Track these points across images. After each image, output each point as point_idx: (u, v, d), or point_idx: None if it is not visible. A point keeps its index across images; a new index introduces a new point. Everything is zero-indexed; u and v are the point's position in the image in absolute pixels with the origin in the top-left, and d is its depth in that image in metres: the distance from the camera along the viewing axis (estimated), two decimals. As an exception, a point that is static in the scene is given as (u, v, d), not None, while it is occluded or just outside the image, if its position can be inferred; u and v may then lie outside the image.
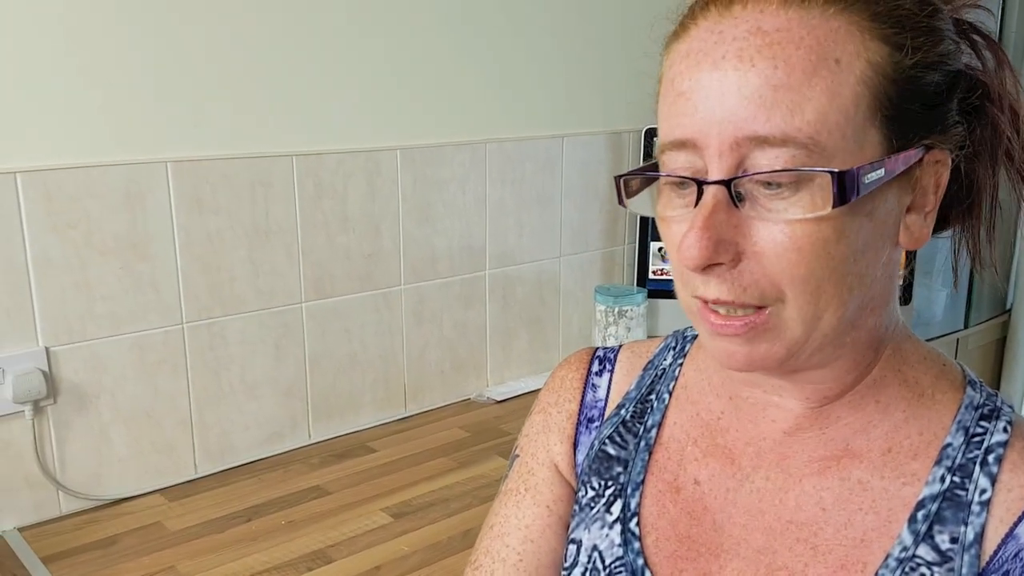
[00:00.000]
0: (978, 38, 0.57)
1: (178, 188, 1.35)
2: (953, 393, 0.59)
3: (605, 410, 0.70)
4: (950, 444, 0.56)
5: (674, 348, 0.70)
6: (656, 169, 0.56)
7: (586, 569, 0.65)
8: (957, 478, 0.55)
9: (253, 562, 1.19)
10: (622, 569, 0.63)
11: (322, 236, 1.52)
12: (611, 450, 0.68)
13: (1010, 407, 0.59)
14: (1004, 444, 0.55)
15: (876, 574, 0.55)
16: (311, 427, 1.57)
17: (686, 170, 0.53)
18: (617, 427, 0.68)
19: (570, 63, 1.83)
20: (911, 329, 0.62)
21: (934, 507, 0.55)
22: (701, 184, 0.51)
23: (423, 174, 1.63)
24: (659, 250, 1.98)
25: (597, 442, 0.69)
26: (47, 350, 1.27)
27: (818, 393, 0.58)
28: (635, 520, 0.64)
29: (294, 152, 1.47)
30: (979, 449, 0.56)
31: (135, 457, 1.37)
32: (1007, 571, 0.52)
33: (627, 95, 1.92)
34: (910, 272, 1.99)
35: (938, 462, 0.56)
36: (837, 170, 0.49)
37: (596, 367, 0.73)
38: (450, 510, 1.33)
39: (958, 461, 0.56)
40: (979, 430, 0.57)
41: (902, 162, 0.52)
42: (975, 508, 0.54)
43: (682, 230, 0.52)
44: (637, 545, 0.63)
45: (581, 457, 0.70)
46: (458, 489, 1.39)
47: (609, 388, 0.71)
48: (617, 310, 1.81)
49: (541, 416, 0.73)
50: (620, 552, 0.64)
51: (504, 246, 1.79)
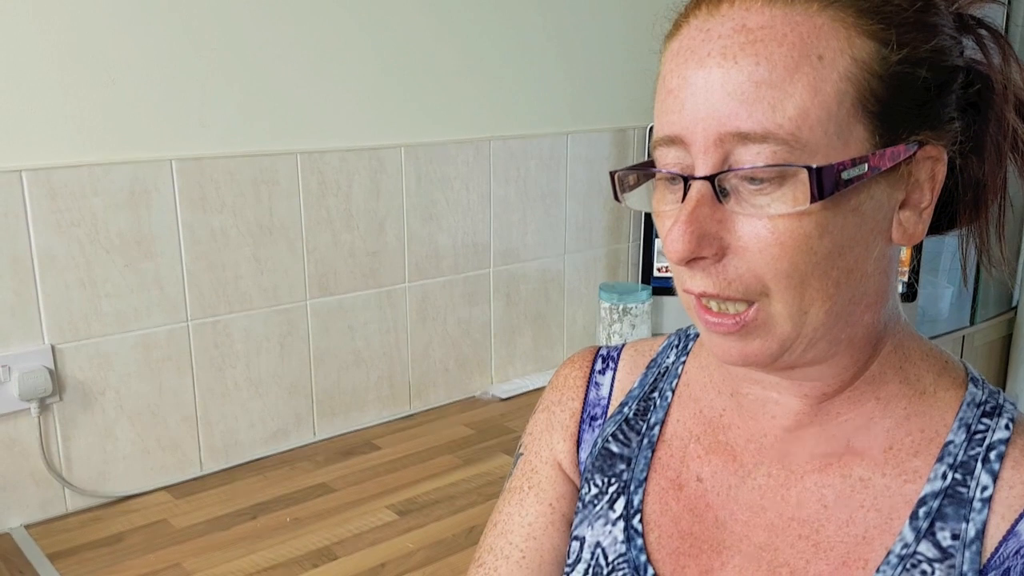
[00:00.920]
0: (983, 32, 0.56)
1: (183, 186, 1.36)
2: (955, 390, 0.59)
3: (608, 408, 0.71)
4: (952, 441, 0.56)
5: (677, 346, 0.71)
6: (652, 165, 0.57)
7: (589, 566, 0.65)
8: (959, 475, 0.55)
9: (258, 559, 1.20)
10: (625, 565, 0.63)
11: (326, 234, 1.52)
12: (614, 448, 0.68)
13: (1012, 404, 0.58)
14: (1006, 441, 0.56)
15: (877, 571, 0.55)
16: (316, 424, 1.57)
17: (675, 166, 0.54)
18: (620, 425, 0.69)
19: (574, 60, 1.83)
20: (916, 326, 0.61)
21: (935, 504, 0.55)
22: (687, 180, 0.52)
23: (427, 171, 1.63)
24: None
25: (600, 440, 0.69)
26: (53, 348, 1.27)
27: (816, 389, 0.58)
28: (638, 517, 0.64)
29: (298, 150, 1.47)
30: (981, 446, 0.56)
31: (140, 454, 1.38)
32: (1008, 568, 0.52)
33: (631, 92, 1.92)
34: (915, 269, 1.99)
35: (940, 459, 0.56)
36: (815, 166, 0.49)
37: (599, 365, 0.73)
38: (455, 507, 1.33)
39: (960, 458, 0.56)
40: (981, 427, 0.57)
41: (889, 158, 0.52)
42: (976, 505, 0.54)
43: (668, 225, 0.54)
44: (640, 542, 0.63)
45: (584, 455, 0.70)
46: (463, 486, 1.40)
47: (612, 386, 0.72)
48: (621, 307, 1.81)
49: (544, 414, 0.74)
50: (623, 549, 0.64)
51: (508, 243, 1.78)
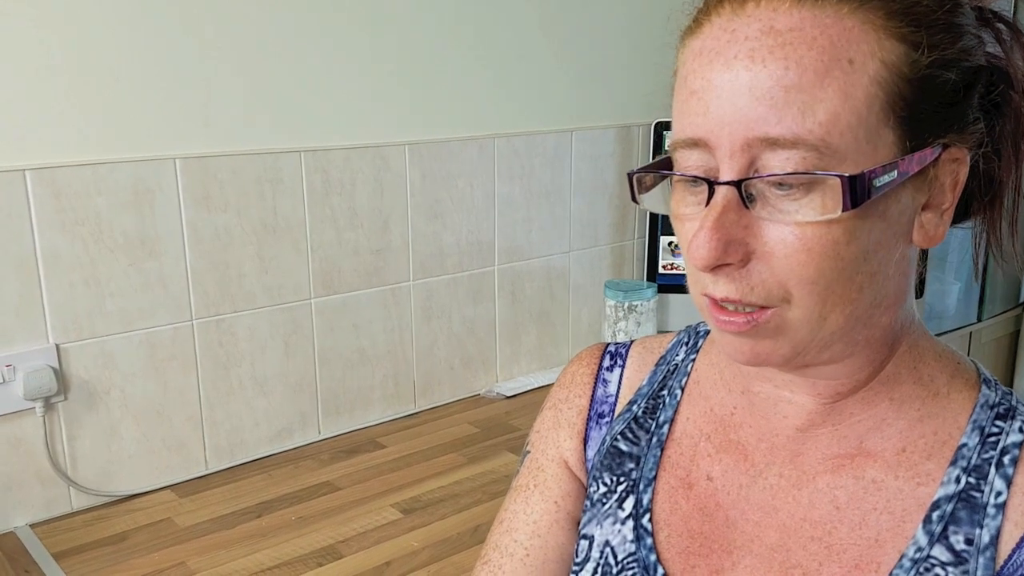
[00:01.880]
0: (1002, 26, 0.56)
1: (186, 185, 1.35)
2: (968, 392, 0.58)
3: (616, 405, 0.70)
4: (965, 444, 0.56)
5: (687, 343, 0.70)
6: (669, 164, 0.55)
7: (598, 565, 0.65)
8: (972, 479, 0.55)
9: (263, 558, 1.20)
10: (634, 565, 0.63)
11: (330, 232, 1.52)
12: (623, 446, 0.67)
13: None
14: (1019, 445, 0.55)
15: (891, 574, 0.54)
16: (321, 423, 1.57)
17: (698, 169, 0.52)
18: (629, 423, 0.68)
19: (578, 57, 1.82)
20: (924, 322, 0.61)
21: (949, 508, 0.54)
22: (712, 184, 0.51)
23: (431, 169, 1.63)
24: (669, 244, 1.97)
25: (609, 438, 0.69)
26: (57, 347, 1.27)
27: (830, 389, 0.58)
28: (647, 516, 0.64)
29: (302, 148, 1.47)
30: (994, 450, 0.55)
31: (145, 453, 1.38)
32: (1022, 575, 0.52)
33: (635, 88, 1.91)
34: (923, 266, 1.97)
35: (953, 462, 0.55)
36: (848, 174, 0.48)
37: (607, 362, 0.72)
38: (460, 506, 1.33)
39: (973, 462, 0.55)
40: (994, 430, 0.56)
41: (916, 162, 0.51)
42: (990, 511, 0.54)
43: (694, 228, 0.52)
44: (650, 541, 0.63)
45: (592, 452, 0.70)
46: (467, 485, 1.39)
47: (620, 383, 0.71)
48: (627, 305, 1.81)
49: (552, 412, 0.73)
50: (632, 548, 0.63)
51: (513, 241, 1.78)
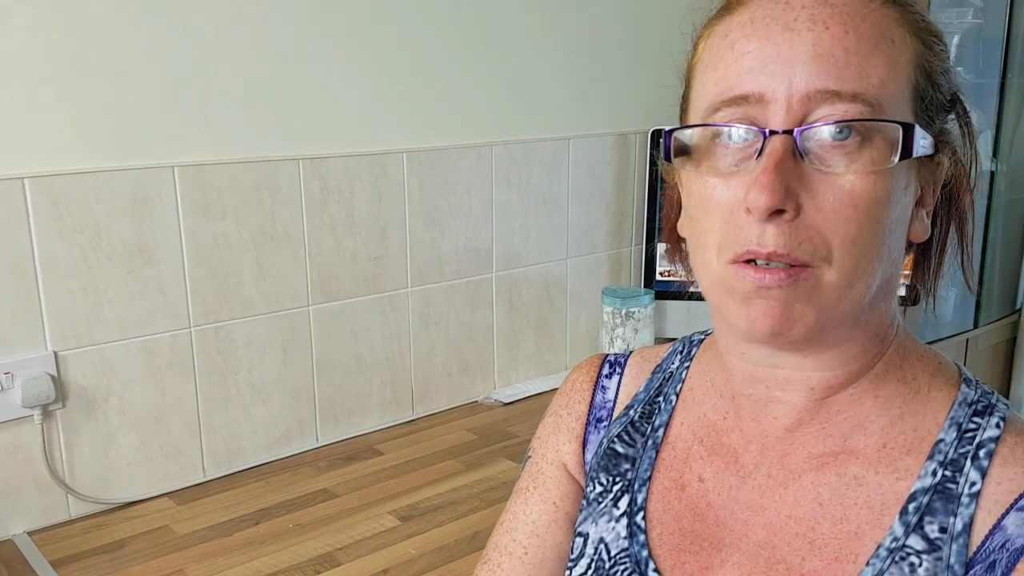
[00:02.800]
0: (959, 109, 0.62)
1: (185, 193, 1.36)
2: (948, 390, 0.60)
3: (614, 411, 0.73)
4: (942, 440, 0.57)
5: (682, 352, 0.72)
6: (692, 134, 0.57)
7: (592, 560, 0.67)
8: (948, 472, 0.56)
9: (261, 565, 1.20)
10: (627, 560, 0.65)
11: (329, 239, 1.52)
12: (619, 448, 0.70)
13: (1005, 404, 0.59)
14: (996, 439, 0.56)
15: (867, 563, 0.56)
16: (318, 430, 1.57)
17: (746, 122, 0.54)
18: (626, 426, 0.70)
19: (575, 65, 1.83)
20: (920, 329, 0.63)
21: (925, 500, 0.56)
22: (770, 133, 0.53)
23: (429, 177, 1.63)
24: (666, 251, 1.97)
25: (606, 440, 0.71)
26: (55, 354, 1.28)
27: (824, 382, 0.59)
28: (641, 514, 0.66)
29: (300, 156, 1.47)
30: (971, 444, 0.57)
31: (143, 460, 1.38)
32: (993, 561, 0.53)
33: (632, 96, 1.92)
34: (920, 273, 1.98)
35: (930, 457, 0.57)
36: (907, 123, 0.53)
37: (606, 370, 0.75)
38: (458, 513, 1.33)
39: (950, 456, 0.57)
40: (972, 426, 0.58)
41: (930, 146, 0.55)
42: (964, 500, 0.55)
43: (734, 186, 0.54)
44: (642, 538, 0.65)
45: (590, 455, 0.72)
46: (465, 492, 1.39)
47: (618, 390, 0.73)
48: (624, 312, 1.81)
49: (552, 418, 0.76)
50: (625, 544, 0.65)
51: (511, 248, 1.79)
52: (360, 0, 1.50)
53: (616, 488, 0.68)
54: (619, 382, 0.74)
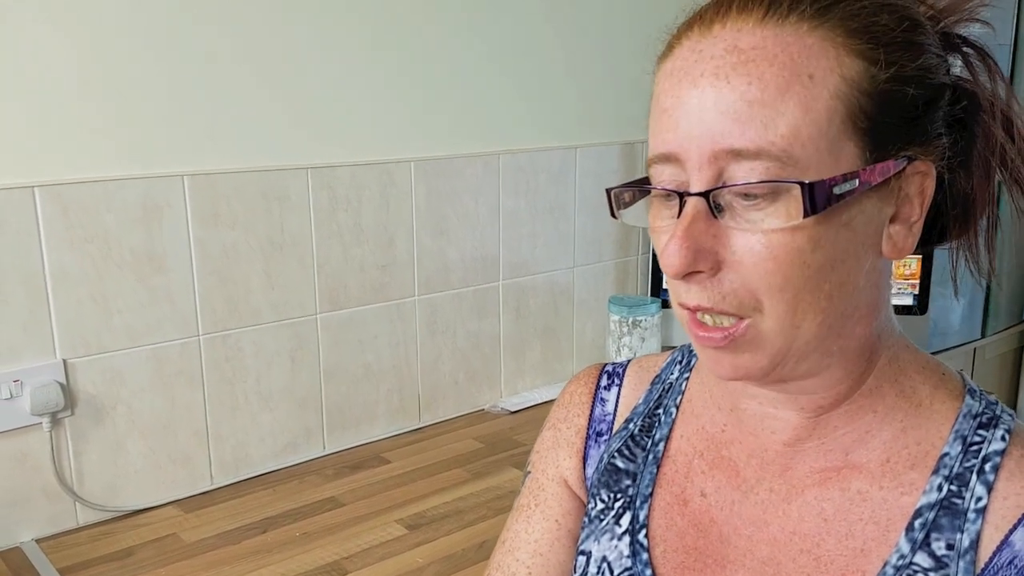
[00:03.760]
0: (969, 50, 0.58)
1: (194, 202, 1.37)
2: (952, 402, 0.59)
3: (613, 424, 0.72)
4: (947, 453, 0.57)
5: (680, 362, 0.71)
6: (648, 182, 0.57)
7: None
8: (954, 487, 0.56)
9: (268, 573, 1.20)
10: None
11: (337, 248, 1.53)
12: (620, 463, 0.69)
13: (1011, 415, 0.59)
14: (1001, 452, 0.56)
15: None
16: (326, 438, 1.57)
17: (671, 182, 0.54)
18: (626, 441, 0.69)
19: (582, 74, 1.84)
20: (927, 339, 0.62)
21: (931, 515, 0.55)
22: (682, 196, 0.53)
23: (436, 186, 1.64)
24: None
25: (606, 455, 0.70)
26: (65, 363, 1.28)
27: (812, 403, 0.59)
28: (644, 532, 0.65)
29: (309, 165, 1.48)
30: (976, 458, 0.56)
31: (151, 468, 1.38)
32: None
33: (639, 105, 1.92)
34: (926, 282, 1.98)
35: (935, 471, 0.56)
36: (807, 181, 0.50)
37: (604, 382, 0.74)
38: (464, 521, 1.33)
39: (955, 470, 0.56)
40: (977, 439, 0.57)
41: (879, 173, 0.53)
42: (971, 516, 0.54)
43: (665, 241, 0.54)
44: (645, 556, 0.64)
45: (591, 470, 0.71)
46: (472, 500, 1.39)
47: (617, 402, 0.72)
48: (631, 320, 1.81)
49: (551, 432, 0.75)
50: (629, 563, 0.65)
51: (517, 257, 1.79)
52: (369, 11, 1.51)
53: (618, 505, 0.67)
54: (618, 394, 0.73)
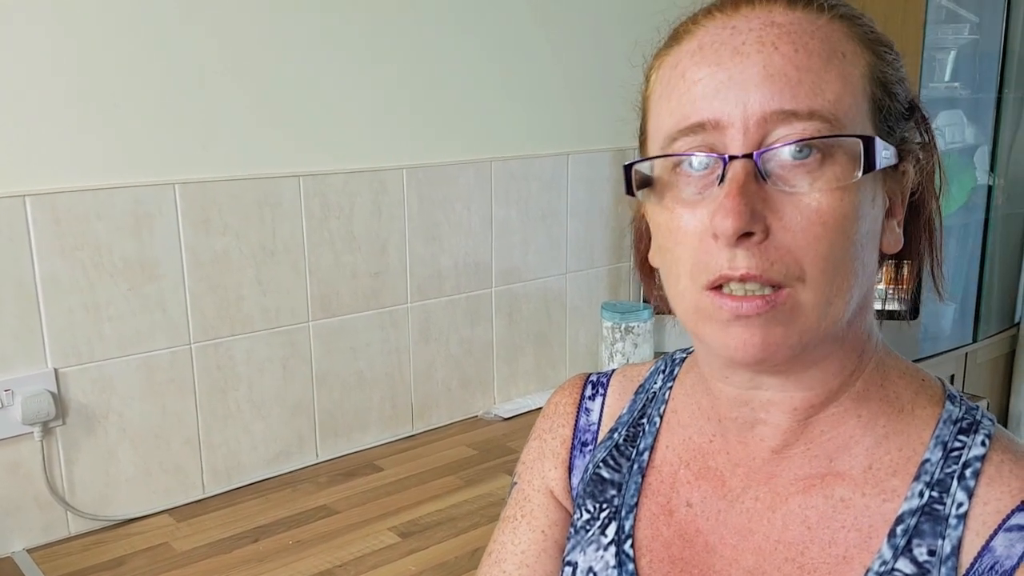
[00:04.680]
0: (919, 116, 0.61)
1: (186, 209, 1.36)
2: (932, 408, 0.59)
3: (598, 433, 0.72)
4: (929, 460, 0.57)
5: (664, 371, 0.71)
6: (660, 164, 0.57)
7: None
8: (935, 493, 0.56)
9: (261, 582, 1.19)
10: None
11: (328, 255, 1.53)
12: (605, 473, 0.69)
13: (991, 420, 0.59)
14: (982, 458, 0.56)
15: None
16: (318, 446, 1.57)
17: (704, 150, 0.54)
18: (611, 450, 0.69)
19: (574, 81, 1.84)
20: (918, 344, 0.62)
21: (913, 521, 0.55)
22: (729, 159, 0.52)
23: (429, 193, 1.64)
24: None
25: (591, 465, 0.70)
26: (56, 371, 1.28)
27: (806, 401, 0.59)
28: (629, 542, 0.65)
29: (301, 172, 1.48)
30: (957, 464, 0.56)
31: (143, 477, 1.38)
32: None
33: (631, 112, 1.92)
34: (917, 287, 1.98)
35: (917, 478, 0.57)
36: (867, 135, 0.52)
37: (589, 391, 0.74)
38: (457, 529, 1.33)
39: (936, 476, 0.56)
40: (957, 444, 0.57)
41: (893, 156, 0.55)
42: (952, 521, 0.55)
43: (700, 214, 0.53)
44: (631, 567, 0.64)
45: (576, 480, 0.71)
46: (465, 508, 1.39)
47: (602, 412, 0.72)
48: (624, 326, 1.81)
49: (537, 443, 0.75)
50: (615, 574, 0.64)
51: (510, 263, 1.79)
52: (360, 18, 1.51)
53: (603, 515, 0.67)
54: (602, 403, 0.73)
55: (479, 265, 1.74)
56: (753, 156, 0.52)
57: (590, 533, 0.67)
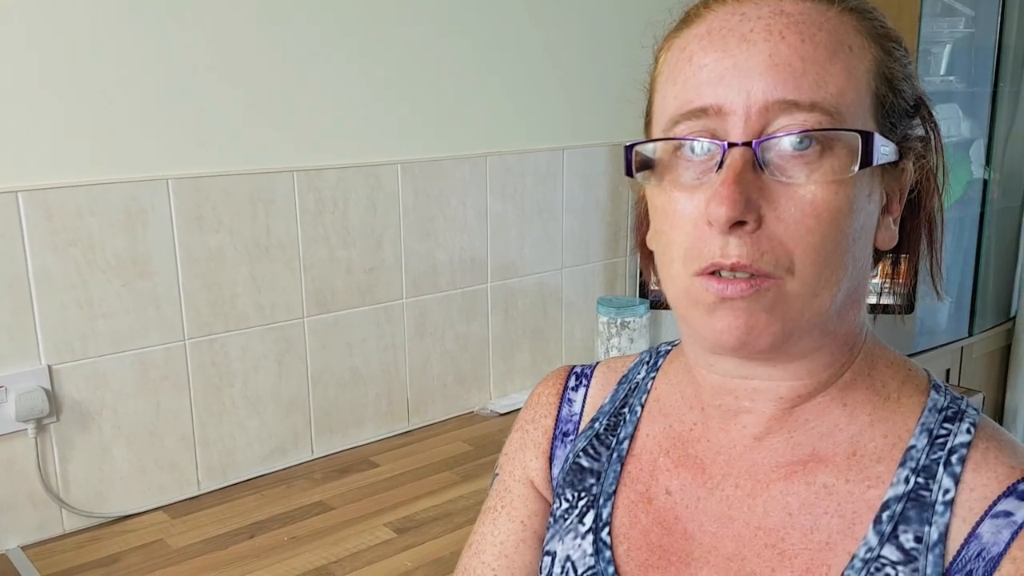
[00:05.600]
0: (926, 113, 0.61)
1: (179, 205, 1.36)
2: (918, 396, 0.60)
3: (580, 424, 0.72)
4: (914, 446, 0.57)
5: (648, 363, 0.72)
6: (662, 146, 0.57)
7: None
8: (921, 479, 0.56)
9: (256, 579, 1.19)
10: None
11: (323, 251, 1.52)
12: (585, 462, 0.69)
13: (975, 409, 0.59)
14: (967, 445, 0.56)
15: (842, 575, 0.55)
16: (314, 442, 1.57)
17: (705, 135, 0.54)
18: (591, 440, 0.69)
19: (569, 75, 1.84)
20: (914, 338, 0.63)
21: (899, 508, 0.56)
22: (729, 145, 0.53)
23: (424, 188, 1.64)
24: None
25: (572, 455, 0.70)
26: (49, 368, 1.27)
27: (793, 391, 0.59)
28: (607, 530, 0.65)
29: (295, 168, 1.47)
30: (943, 450, 0.56)
31: (138, 474, 1.37)
32: (970, 570, 0.53)
33: (627, 106, 1.92)
34: (914, 282, 1.98)
35: (902, 464, 0.57)
36: (866, 131, 0.52)
37: (572, 383, 0.74)
38: (453, 524, 1.33)
39: (922, 462, 0.56)
40: (943, 432, 0.57)
41: (892, 153, 0.55)
42: (939, 508, 0.55)
43: (697, 199, 0.54)
44: (608, 554, 0.64)
45: (557, 470, 0.71)
46: (461, 503, 1.39)
47: (584, 402, 0.72)
48: (619, 321, 1.81)
49: (519, 434, 0.75)
50: (592, 562, 0.64)
51: (505, 258, 1.79)
52: (354, 13, 1.51)
53: (581, 504, 0.67)
54: (585, 394, 0.73)
55: (474, 260, 1.74)
56: (752, 144, 0.52)
57: (568, 522, 0.67)
